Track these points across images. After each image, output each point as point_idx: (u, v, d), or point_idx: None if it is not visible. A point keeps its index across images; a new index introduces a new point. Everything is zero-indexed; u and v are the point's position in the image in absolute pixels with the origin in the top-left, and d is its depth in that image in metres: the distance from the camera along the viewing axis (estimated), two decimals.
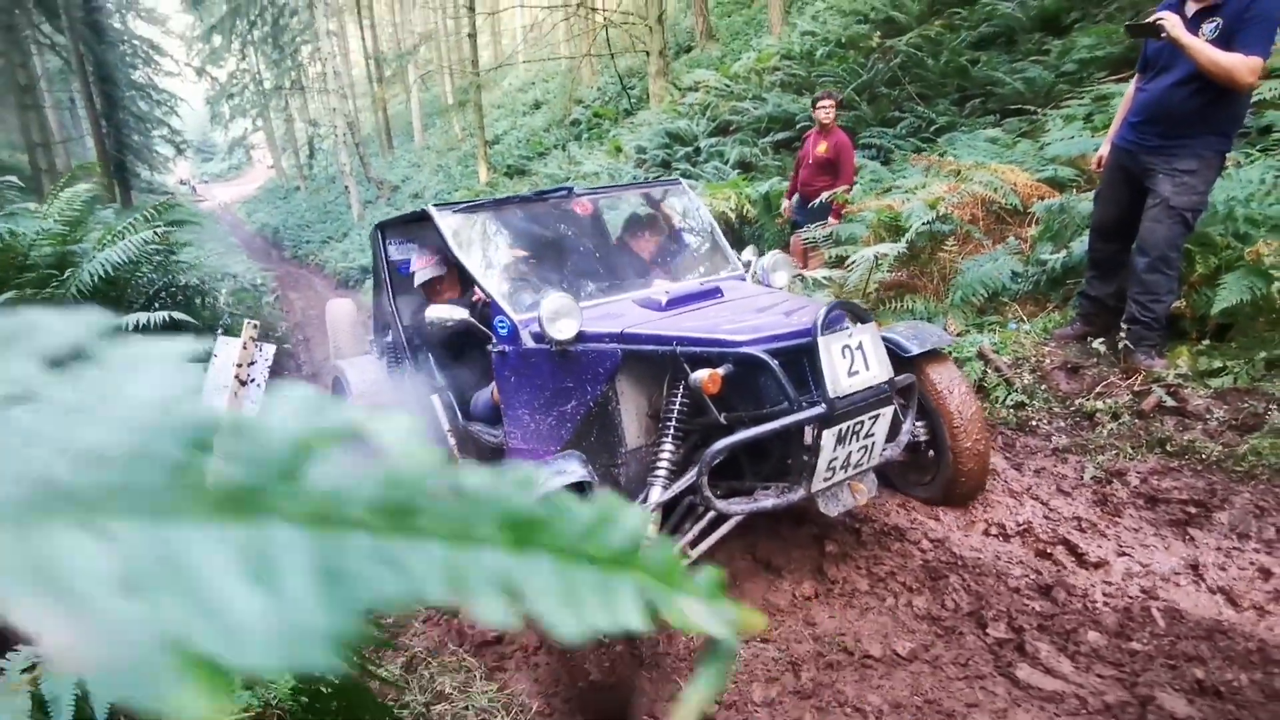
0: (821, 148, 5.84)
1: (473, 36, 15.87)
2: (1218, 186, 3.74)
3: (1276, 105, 4.39)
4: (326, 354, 5.42)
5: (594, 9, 16.16)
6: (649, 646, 2.43)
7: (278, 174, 32.87)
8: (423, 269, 3.62)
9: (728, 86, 11.89)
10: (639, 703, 2.15)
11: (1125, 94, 3.70)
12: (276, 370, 7.68)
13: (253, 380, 3.33)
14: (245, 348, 3.27)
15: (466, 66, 17.04)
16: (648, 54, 14.24)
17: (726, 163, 9.81)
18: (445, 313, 2.87)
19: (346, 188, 19.63)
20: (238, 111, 25.87)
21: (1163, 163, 3.28)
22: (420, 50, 27.24)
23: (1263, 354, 3.21)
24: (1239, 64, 2.94)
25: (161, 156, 24.93)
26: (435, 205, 3.11)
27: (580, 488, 2.12)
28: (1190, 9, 3.15)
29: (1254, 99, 4.55)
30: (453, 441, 3.34)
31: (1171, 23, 3.07)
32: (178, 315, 3.92)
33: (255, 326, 3.29)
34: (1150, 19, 3.16)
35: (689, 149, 11.07)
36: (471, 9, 15.45)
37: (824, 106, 5.85)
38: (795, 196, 6.26)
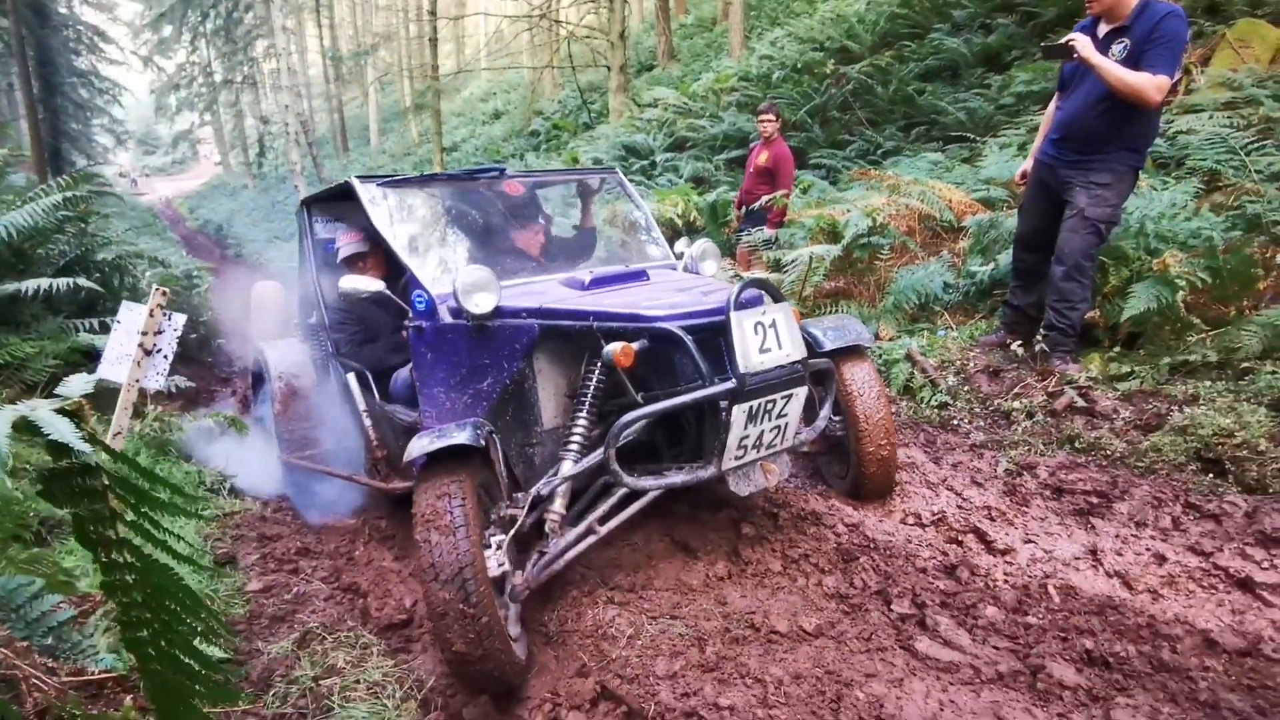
0: (762, 157, 6.05)
1: (433, 41, 15.80)
2: (1133, 204, 3.92)
3: (1194, 133, 4.62)
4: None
5: (557, 21, 16.27)
6: (557, 625, 2.36)
7: (224, 170, 31.89)
8: (346, 244, 3.53)
9: (686, 105, 12.07)
10: (520, 679, 2.07)
11: (1047, 113, 3.86)
12: (202, 358, 7.37)
13: (159, 350, 3.15)
14: (152, 315, 3.10)
15: (427, 71, 16.92)
16: (609, 69, 14.36)
17: (681, 177, 9.93)
18: (360, 284, 2.78)
19: (296, 187, 19.18)
20: (185, 104, 25.03)
21: (1079, 176, 3.42)
22: (379, 52, 26.95)
23: (1167, 360, 3.34)
24: (1146, 83, 3.08)
25: (101, 146, 23.96)
26: (359, 177, 3.04)
27: (464, 451, 2.06)
28: (1102, 30, 3.32)
29: (1171, 131, 4.82)
30: (368, 422, 3.23)
31: (1082, 44, 3.22)
32: (84, 283, 3.70)
33: (164, 294, 3.12)
34: (1063, 41, 3.32)
35: (645, 162, 11.17)
36: (433, 14, 15.39)
37: (765, 119, 6.03)
38: (742, 206, 6.40)
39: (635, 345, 2.23)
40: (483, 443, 2.09)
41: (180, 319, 3.21)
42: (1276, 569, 2.18)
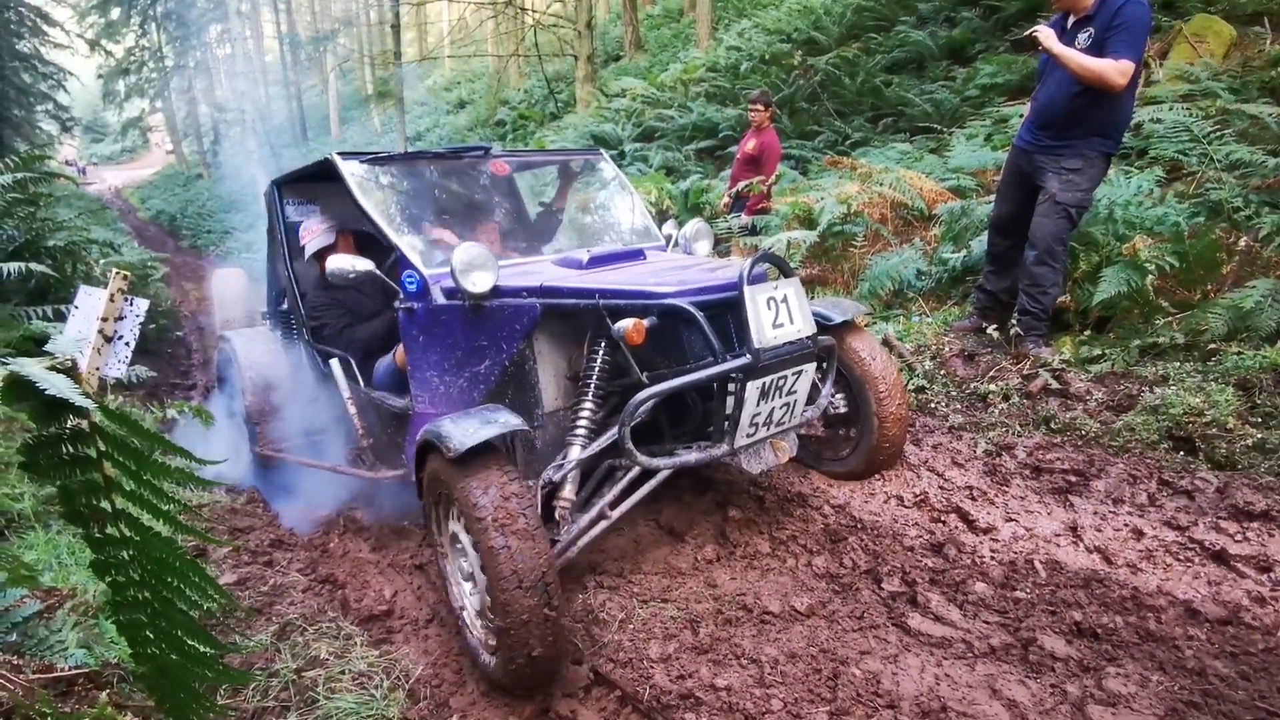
0: (750, 145, 6.09)
1: (395, 27, 15.47)
2: (1101, 191, 4.01)
3: (1159, 122, 4.73)
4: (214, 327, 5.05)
5: (523, 9, 16.05)
6: None
7: (177, 159, 30.77)
8: (313, 238, 3.41)
9: (654, 95, 12.03)
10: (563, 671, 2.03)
11: (1029, 104, 3.93)
12: (160, 349, 7.12)
13: (120, 337, 3.02)
14: (113, 300, 2.97)
15: (389, 58, 16.56)
16: (576, 59, 14.22)
17: (650, 166, 9.89)
18: (348, 263, 2.69)
19: (255, 176, 18.63)
20: (135, 90, 24.04)
21: (1052, 162, 3.48)
22: (339, 38, 26.27)
23: (1136, 342, 3.43)
24: (1109, 68, 3.17)
25: (45, 133, 22.99)
26: (340, 154, 2.93)
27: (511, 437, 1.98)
28: (1070, 22, 3.40)
29: (1132, 122, 4.93)
30: (353, 410, 3.13)
31: (1044, 35, 3.33)
32: (37, 267, 3.52)
33: (126, 278, 2.99)
34: (1027, 34, 3.40)
35: (614, 152, 11.09)
36: None
37: (755, 108, 6.06)
38: (734, 191, 6.43)
39: (646, 322, 2.17)
40: (525, 426, 2.03)
41: (143, 304, 3.09)
42: (1249, 541, 2.25)
